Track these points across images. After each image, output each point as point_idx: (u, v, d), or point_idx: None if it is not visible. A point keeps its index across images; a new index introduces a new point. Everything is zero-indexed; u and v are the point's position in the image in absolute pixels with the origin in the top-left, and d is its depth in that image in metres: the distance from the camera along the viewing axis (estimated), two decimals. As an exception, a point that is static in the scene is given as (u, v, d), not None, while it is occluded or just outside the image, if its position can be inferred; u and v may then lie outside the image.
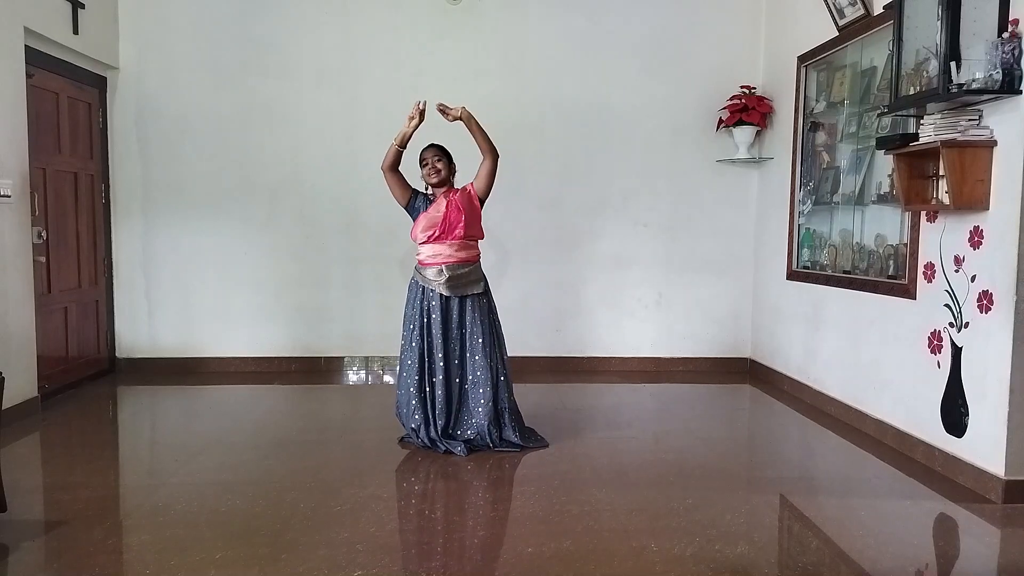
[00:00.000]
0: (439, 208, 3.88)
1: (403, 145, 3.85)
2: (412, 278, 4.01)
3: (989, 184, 3.27)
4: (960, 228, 3.46)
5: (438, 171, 3.88)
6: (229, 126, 5.69)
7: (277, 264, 5.78)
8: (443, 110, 3.86)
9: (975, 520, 3.09)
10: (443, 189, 3.93)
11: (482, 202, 3.98)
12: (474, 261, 3.96)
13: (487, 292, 4.01)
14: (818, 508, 3.20)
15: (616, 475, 3.53)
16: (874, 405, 4.18)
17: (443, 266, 3.86)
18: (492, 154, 3.88)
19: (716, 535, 2.85)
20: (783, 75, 5.37)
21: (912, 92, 3.46)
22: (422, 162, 3.92)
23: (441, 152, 3.94)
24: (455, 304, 3.90)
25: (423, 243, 3.92)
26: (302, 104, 5.70)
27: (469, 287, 3.91)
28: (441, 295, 3.87)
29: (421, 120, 3.83)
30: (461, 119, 3.83)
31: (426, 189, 3.98)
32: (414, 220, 3.97)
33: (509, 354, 4.12)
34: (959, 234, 3.46)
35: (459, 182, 4.04)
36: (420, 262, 3.95)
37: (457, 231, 3.87)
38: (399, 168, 3.90)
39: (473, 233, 3.95)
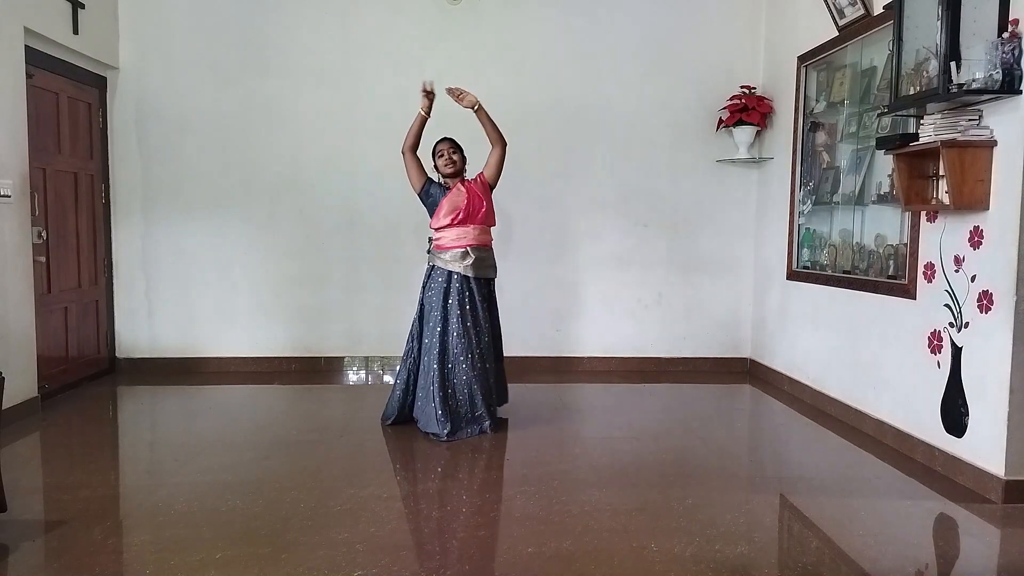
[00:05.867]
0: (460, 193, 4.09)
1: (426, 118, 4.07)
2: (431, 265, 4.15)
3: (989, 184, 3.27)
4: (960, 228, 3.46)
5: (454, 162, 4.11)
6: (229, 126, 5.69)
7: (277, 264, 5.78)
8: (458, 95, 4.04)
9: (975, 520, 3.09)
10: (457, 179, 4.15)
11: (491, 188, 4.22)
12: (490, 246, 4.21)
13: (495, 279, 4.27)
14: (818, 508, 3.20)
15: (616, 475, 3.53)
16: (874, 405, 4.18)
17: (468, 248, 4.06)
18: (501, 143, 4.13)
19: (716, 535, 2.85)
20: (783, 75, 5.37)
21: (912, 92, 3.46)
22: (438, 154, 4.14)
23: (455, 145, 4.17)
24: (475, 287, 4.08)
25: (447, 227, 4.08)
26: (302, 104, 5.70)
27: (489, 270, 4.17)
28: (466, 278, 4.05)
29: (432, 99, 4.05)
30: (473, 107, 4.04)
31: (440, 180, 4.19)
32: (429, 206, 4.16)
33: (510, 354, 4.23)
34: (959, 234, 3.46)
35: (468, 173, 4.27)
36: (442, 246, 4.10)
37: (480, 215, 4.09)
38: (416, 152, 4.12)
39: (491, 219, 4.19)
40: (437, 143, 4.18)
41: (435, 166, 4.18)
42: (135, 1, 5.58)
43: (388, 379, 5.67)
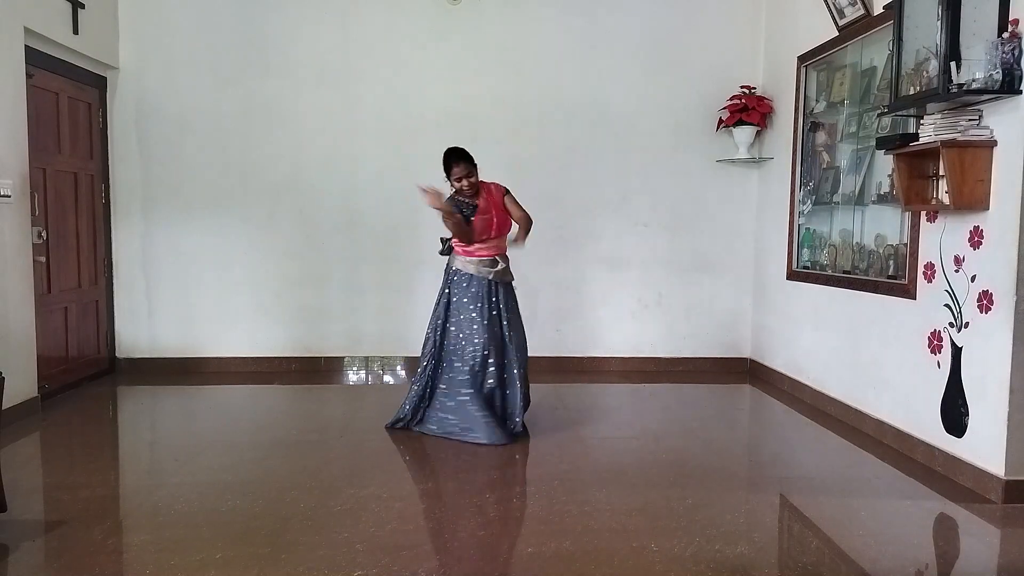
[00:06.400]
0: (488, 213, 4.06)
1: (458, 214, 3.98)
2: (455, 269, 4.10)
3: (989, 184, 3.27)
4: (960, 228, 3.46)
5: (472, 185, 4.01)
6: (229, 126, 5.68)
7: (277, 264, 5.78)
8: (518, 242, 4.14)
9: (975, 520, 3.09)
10: (477, 197, 4.07)
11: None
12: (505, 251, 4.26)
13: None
14: (818, 508, 3.20)
15: (616, 475, 3.53)
16: (874, 405, 4.18)
17: (496, 256, 4.12)
18: (527, 225, 4.15)
19: (716, 535, 2.85)
20: (783, 75, 5.37)
21: (912, 92, 3.46)
22: (455, 178, 4.00)
23: (469, 165, 4.00)
24: (501, 291, 4.12)
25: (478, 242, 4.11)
26: (302, 104, 5.70)
27: (509, 274, 4.21)
28: (494, 283, 4.08)
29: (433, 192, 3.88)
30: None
31: (457, 195, 4.06)
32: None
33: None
34: (959, 234, 3.46)
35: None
36: (471, 253, 4.08)
37: (505, 228, 4.16)
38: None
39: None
40: (452, 165, 4.00)
41: (453, 188, 4.03)
42: (135, 1, 5.58)
43: (388, 379, 5.67)
